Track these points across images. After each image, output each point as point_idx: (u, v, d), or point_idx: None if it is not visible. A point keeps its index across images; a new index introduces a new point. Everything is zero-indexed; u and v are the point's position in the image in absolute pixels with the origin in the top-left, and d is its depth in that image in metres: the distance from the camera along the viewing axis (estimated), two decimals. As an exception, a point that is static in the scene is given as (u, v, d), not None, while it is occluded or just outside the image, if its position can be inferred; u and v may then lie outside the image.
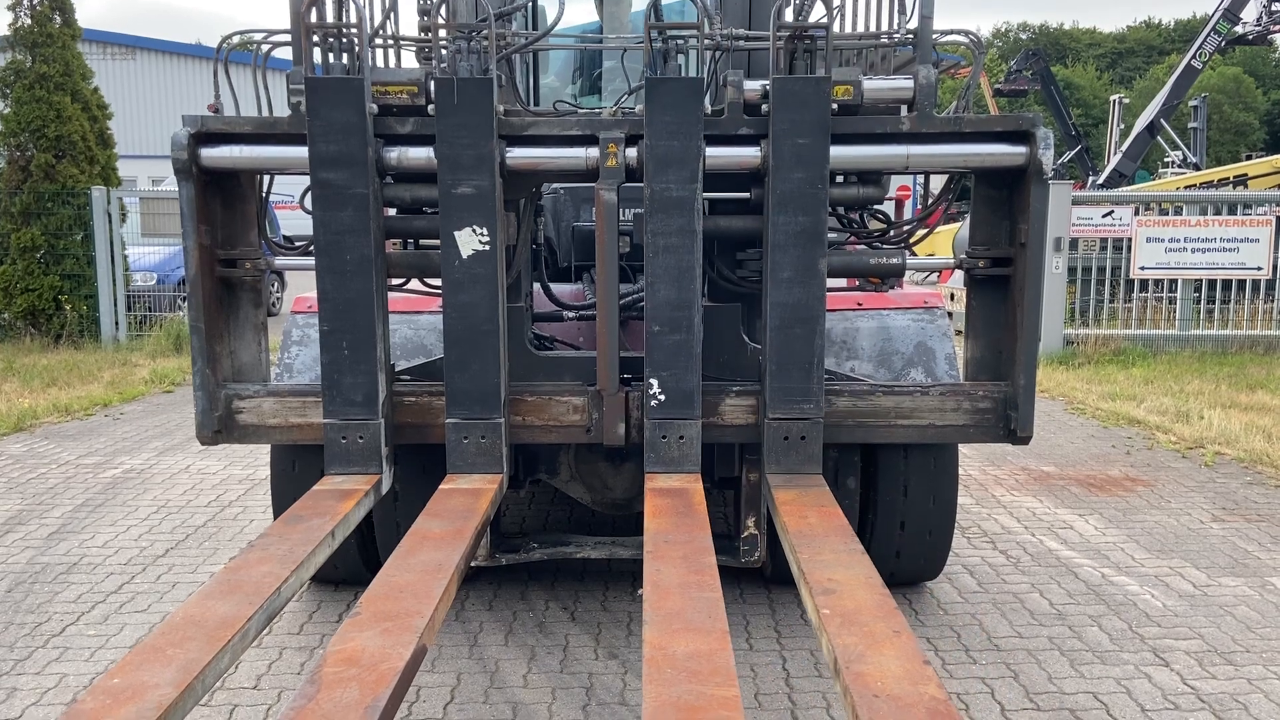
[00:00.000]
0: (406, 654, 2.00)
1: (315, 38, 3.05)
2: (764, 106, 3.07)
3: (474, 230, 3.09)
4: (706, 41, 3.32)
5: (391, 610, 2.20)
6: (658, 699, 1.83)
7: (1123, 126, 31.50)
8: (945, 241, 9.14)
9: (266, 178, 3.44)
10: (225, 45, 3.34)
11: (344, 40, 3.05)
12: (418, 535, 2.67)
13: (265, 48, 3.38)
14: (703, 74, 3.32)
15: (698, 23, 3.13)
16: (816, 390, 3.14)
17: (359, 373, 3.12)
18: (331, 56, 3.04)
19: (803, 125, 3.01)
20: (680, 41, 3.15)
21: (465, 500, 2.96)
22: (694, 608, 2.20)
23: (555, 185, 4.28)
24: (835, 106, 3.05)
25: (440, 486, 3.10)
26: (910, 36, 3.36)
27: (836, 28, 3.37)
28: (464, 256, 3.10)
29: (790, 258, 3.08)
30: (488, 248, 3.10)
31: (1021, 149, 3.11)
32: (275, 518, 3.89)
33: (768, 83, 3.06)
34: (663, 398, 3.17)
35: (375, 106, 3.06)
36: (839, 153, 3.08)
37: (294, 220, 3.81)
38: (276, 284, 15.45)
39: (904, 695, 1.80)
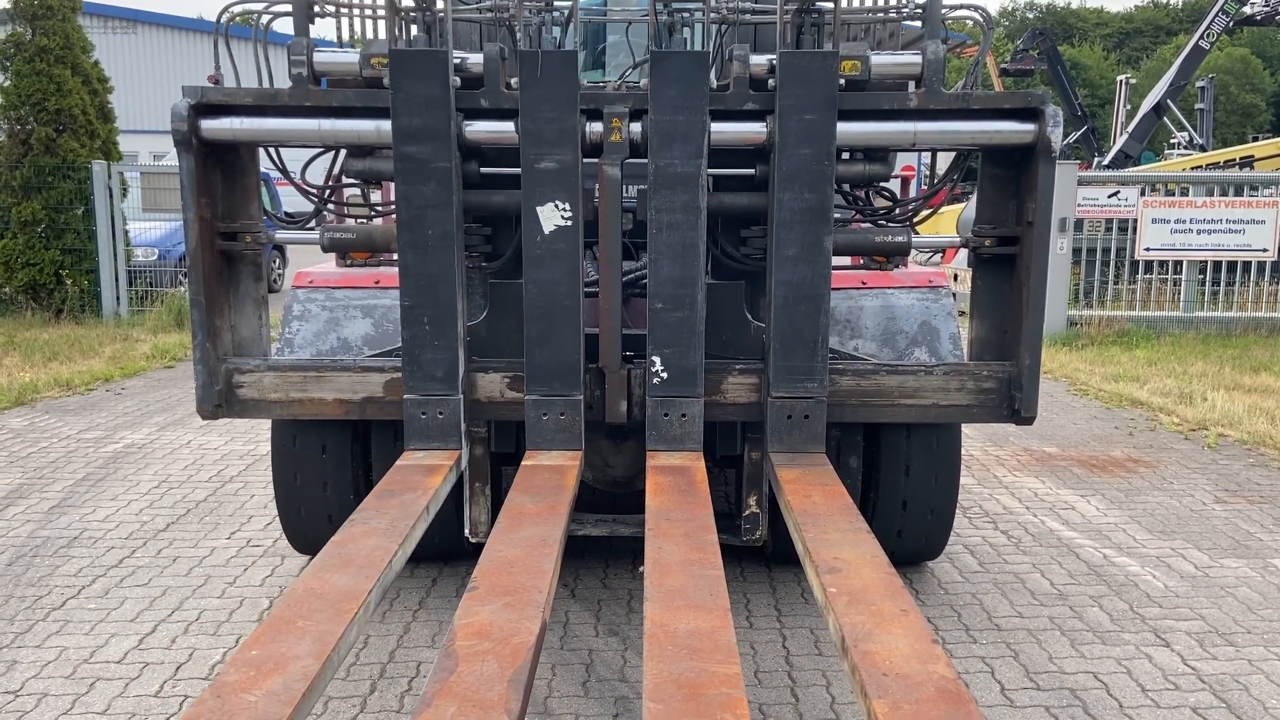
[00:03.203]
0: (535, 628, 2.02)
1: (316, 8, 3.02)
2: (770, 81, 3.03)
3: (556, 205, 3.06)
4: (712, 15, 3.28)
5: (508, 585, 2.22)
6: (659, 675, 1.82)
7: (1129, 107, 31.28)
8: (948, 222, 9.11)
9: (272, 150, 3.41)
10: (225, 16, 3.30)
11: (425, 14, 3.02)
12: (513, 511, 2.68)
13: (266, 19, 3.35)
14: (708, 48, 3.28)
15: None
16: (820, 369, 3.13)
17: (440, 348, 3.11)
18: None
19: (809, 101, 2.98)
20: (686, 15, 3.12)
21: (551, 476, 2.97)
22: (696, 585, 2.20)
23: None
24: (842, 82, 3.01)
25: (523, 463, 3.10)
26: (919, 11, 3.31)
27: (844, 2, 3.33)
28: (546, 232, 3.08)
29: (795, 235, 3.05)
30: (570, 223, 3.07)
31: (1030, 126, 3.07)
32: (277, 493, 3.89)
33: (774, 57, 3.02)
34: (665, 375, 3.15)
35: (459, 80, 3.03)
36: (845, 129, 3.05)
37: (297, 196, 3.77)
38: (278, 260, 15.41)
39: (913, 674, 1.80)
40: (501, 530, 2.55)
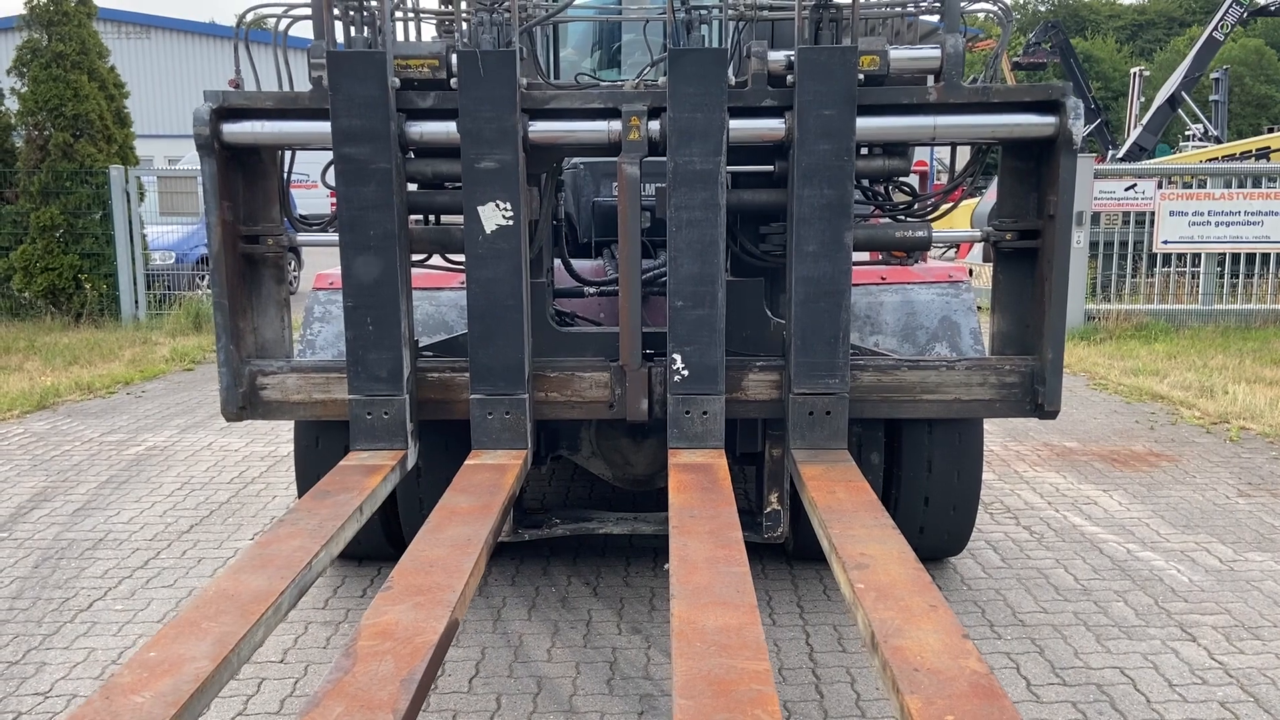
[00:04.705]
0: (440, 627, 2.00)
1: (336, 11, 3.03)
2: (789, 77, 3.03)
3: (497, 205, 3.07)
4: (730, 12, 3.28)
5: (423, 584, 2.21)
6: (688, 672, 1.82)
7: (1143, 100, 31.08)
8: (962, 217, 9.07)
9: (289, 153, 3.42)
10: (244, 21, 3.32)
11: (365, 14, 3.02)
12: (445, 510, 2.67)
13: (284, 23, 3.36)
14: (726, 45, 3.28)
15: None
16: (842, 365, 3.12)
17: (383, 349, 3.11)
18: (353, 30, 3.02)
19: (828, 96, 2.97)
20: (703, 12, 3.12)
21: (491, 476, 2.96)
22: (722, 582, 2.20)
23: (576, 160, 4.25)
24: (861, 77, 3.00)
25: (465, 462, 3.09)
26: (938, 5, 3.30)
27: None
28: (487, 232, 3.09)
29: (815, 231, 3.05)
30: (511, 223, 3.08)
31: (1051, 119, 3.06)
32: (299, 494, 3.91)
33: (792, 53, 3.02)
34: (686, 373, 3.15)
35: (397, 80, 3.04)
36: (865, 124, 3.04)
37: (309, 199, 3.79)
38: (294, 263, 15.45)
39: (945, 669, 1.79)
40: (428, 529, 2.54)
